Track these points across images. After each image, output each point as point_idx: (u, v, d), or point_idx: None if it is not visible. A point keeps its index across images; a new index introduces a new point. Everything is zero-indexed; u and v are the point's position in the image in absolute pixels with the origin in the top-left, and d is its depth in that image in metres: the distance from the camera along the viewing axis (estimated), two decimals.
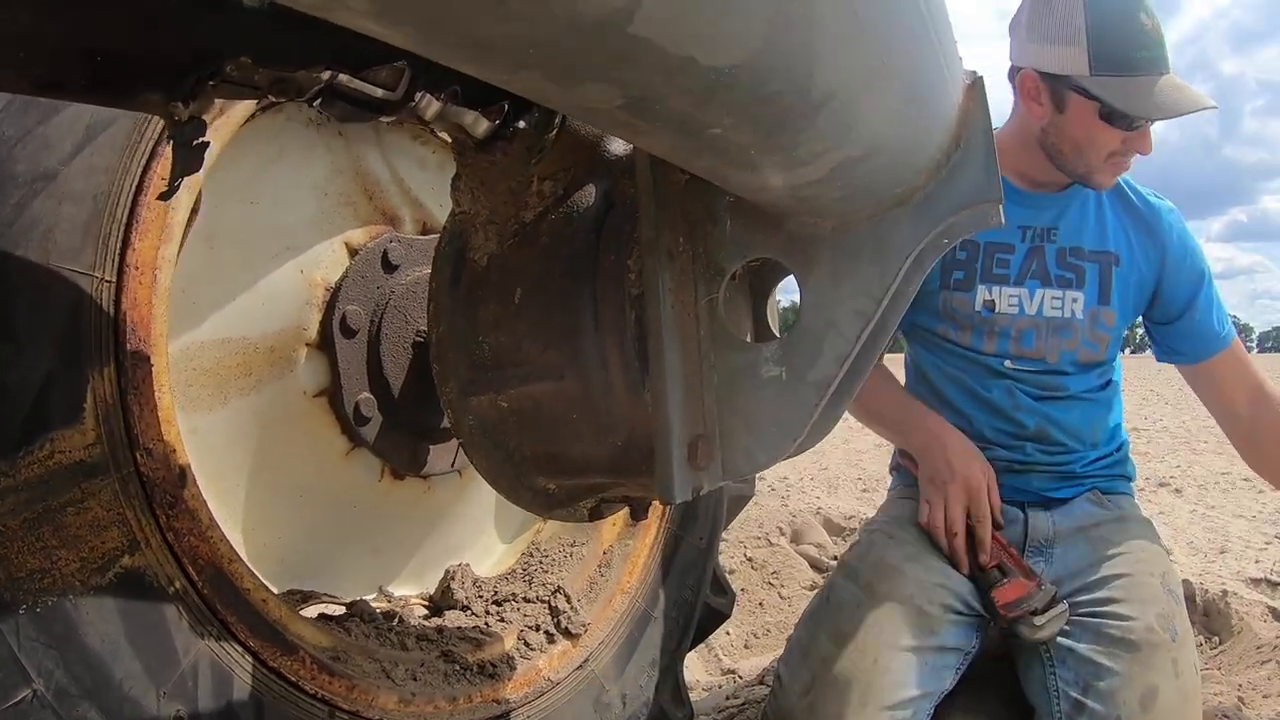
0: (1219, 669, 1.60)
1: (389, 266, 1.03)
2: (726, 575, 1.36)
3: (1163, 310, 1.39)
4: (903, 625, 1.18)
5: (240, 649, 0.76)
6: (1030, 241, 1.37)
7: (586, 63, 0.37)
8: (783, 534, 2.32)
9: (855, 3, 0.45)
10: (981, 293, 1.35)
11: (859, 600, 1.22)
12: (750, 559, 2.12)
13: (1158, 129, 1.28)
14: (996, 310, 1.35)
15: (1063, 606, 1.20)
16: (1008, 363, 1.36)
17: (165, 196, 0.64)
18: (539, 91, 0.43)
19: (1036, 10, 1.25)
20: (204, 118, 0.56)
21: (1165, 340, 1.42)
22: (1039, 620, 1.18)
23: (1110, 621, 1.19)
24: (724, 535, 1.37)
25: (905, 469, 1.47)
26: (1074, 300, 1.35)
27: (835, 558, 2.26)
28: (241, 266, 0.95)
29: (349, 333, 0.99)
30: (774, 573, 2.06)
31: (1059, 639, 1.20)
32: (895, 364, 1.53)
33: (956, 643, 1.22)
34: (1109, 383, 1.41)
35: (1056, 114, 1.27)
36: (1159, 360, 1.45)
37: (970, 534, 1.27)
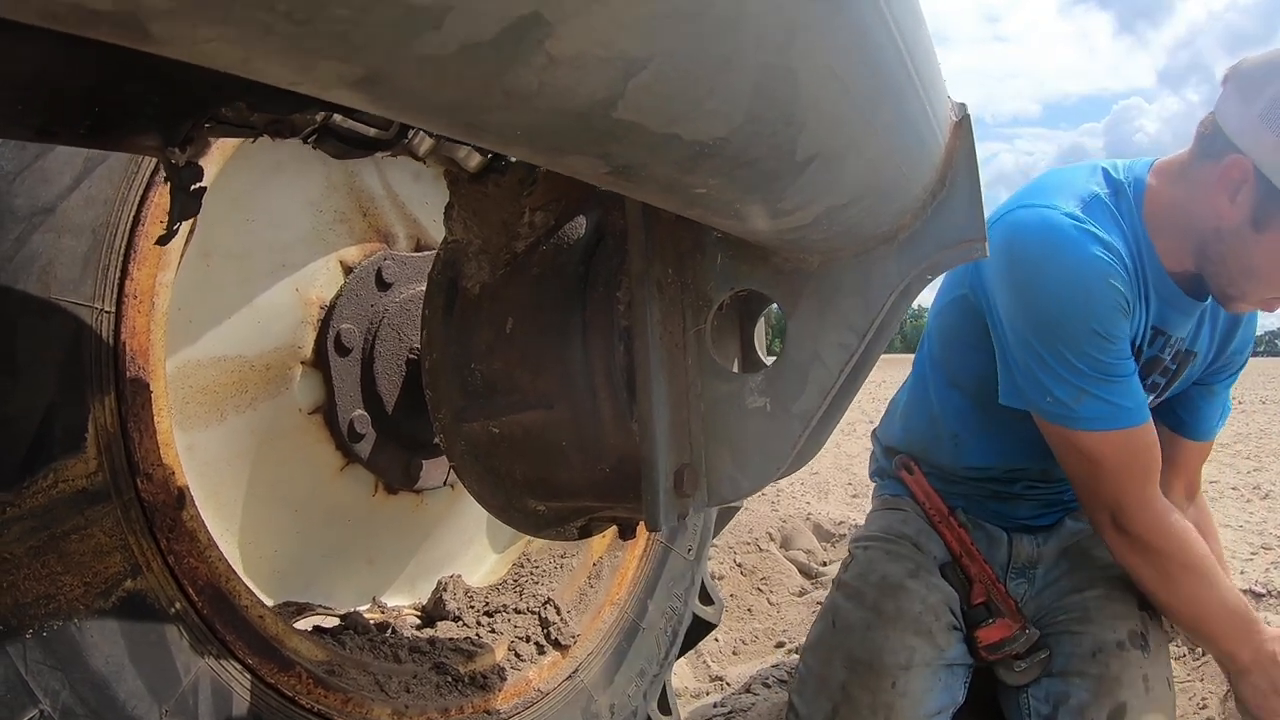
0: (1201, 680, 1.63)
1: (383, 284, 1.05)
2: (715, 582, 1.39)
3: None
4: (914, 645, 1.19)
5: (239, 666, 0.78)
6: (1163, 350, 1.20)
7: (572, 141, 0.39)
8: (772, 539, 2.34)
9: (838, 68, 0.46)
10: None
11: (868, 622, 1.22)
12: (740, 565, 2.15)
13: (1154, 134, 1.15)
14: None
15: (1044, 653, 1.22)
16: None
17: (163, 241, 0.65)
18: (526, 158, 0.44)
19: None
20: (200, 161, 0.57)
21: (1170, 399, 1.34)
22: (1019, 666, 1.21)
23: (1082, 638, 1.22)
24: (713, 541, 1.39)
25: (889, 475, 1.48)
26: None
27: (825, 563, 2.28)
28: (237, 284, 0.97)
29: (343, 351, 1.01)
30: (763, 579, 2.09)
31: None
32: (891, 365, 1.53)
33: (961, 657, 1.23)
34: None
35: (1250, 228, 1.02)
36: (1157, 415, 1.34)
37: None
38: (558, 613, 1.10)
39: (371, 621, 1.04)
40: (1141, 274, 1.13)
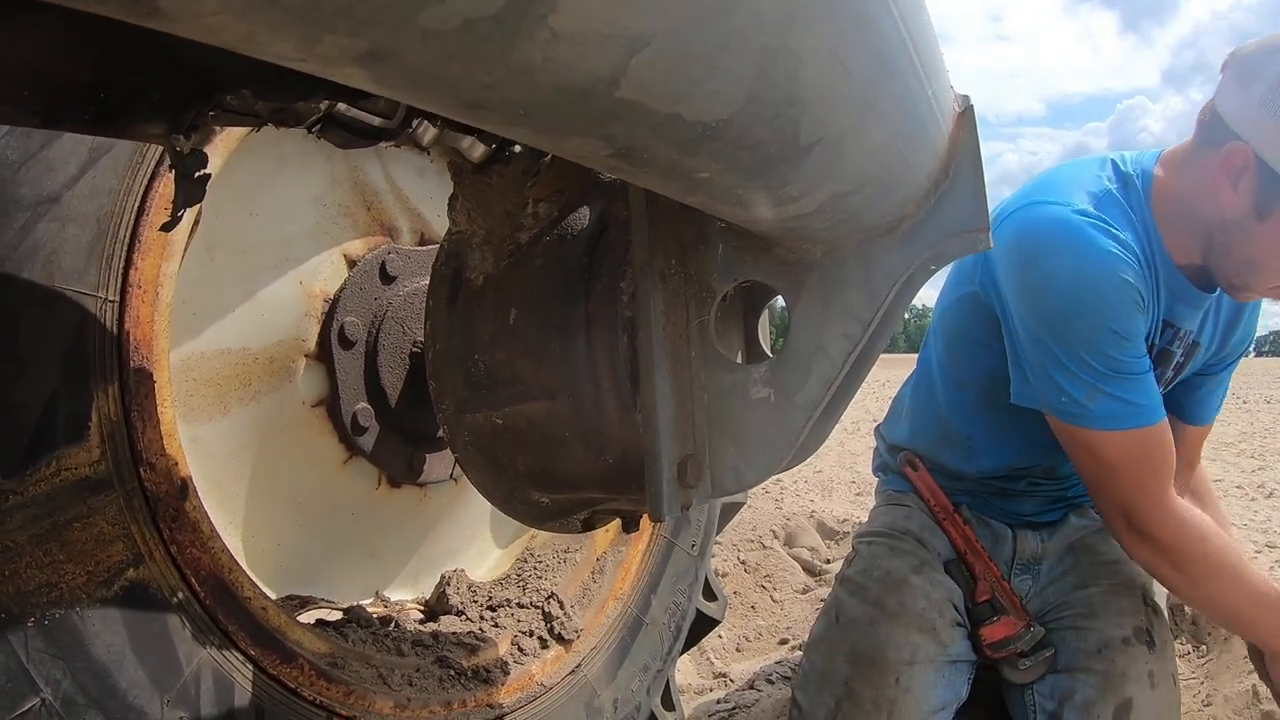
0: (1205, 678, 1.62)
1: (387, 278, 1.05)
2: (719, 578, 1.38)
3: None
4: (918, 641, 1.19)
5: (241, 657, 0.78)
6: (1172, 343, 1.19)
7: (574, 121, 0.39)
8: (776, 537, 2.34)
9: (840, 52, 0.46)
10: None
11: (872, 617, 1.22)
12: (743, 562, 2.15)
13: (1159, 133, 1.14)
14: None
15: (1049, 651, 1.22)
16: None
17: (168, 228, 0.66)
18: (530, 141, 0.44)
19: None
20: (205, 150, 0.58)
21: (1172, 387, 1.33)
22: (1023, 664, 1.20)
23: (1087, 634, 1.21)
24: (717, 538, 1.39)
25: (893, 470, 1.48)
26: None
27: (829, 560, 2.28)
28: (241, 278, 0.97)
29: (347, 344, 1.01)
30: (767, 576, 2.09)
31: None
32: (894, 365, 1.53)
33: (965, 653, 1.23)
34: None
35: (1253, 218, 1.00)
36: None
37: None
38: (561, 607, 1.10)
39: (374, 615, 1.04)
40: (1153, 268, 1.12)
